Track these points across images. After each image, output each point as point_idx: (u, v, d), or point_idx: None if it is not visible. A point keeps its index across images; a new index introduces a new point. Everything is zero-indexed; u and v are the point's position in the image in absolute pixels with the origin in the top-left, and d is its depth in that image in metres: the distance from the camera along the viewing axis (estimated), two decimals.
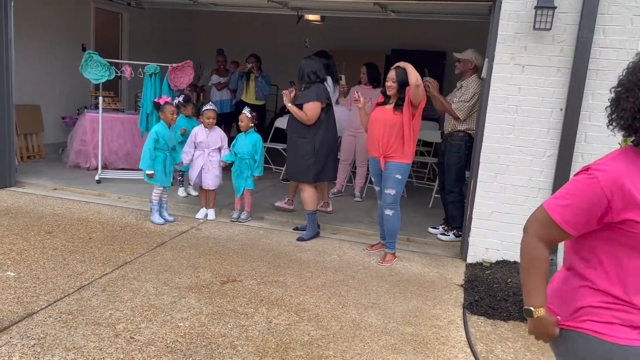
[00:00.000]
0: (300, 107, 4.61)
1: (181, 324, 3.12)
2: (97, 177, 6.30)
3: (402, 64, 4.12)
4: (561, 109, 4.11)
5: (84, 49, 8.33)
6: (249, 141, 5.14)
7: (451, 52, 9.59)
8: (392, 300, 3.66)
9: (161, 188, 4.99)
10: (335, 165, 4.92)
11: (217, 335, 3.03)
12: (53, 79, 7.83)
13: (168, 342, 2.91)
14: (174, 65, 6.32)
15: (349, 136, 6.33)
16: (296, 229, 5.07)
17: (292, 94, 4.77)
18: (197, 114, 5.30)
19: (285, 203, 5.60)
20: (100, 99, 6.43)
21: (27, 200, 5.43)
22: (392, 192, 4.23)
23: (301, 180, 4.78)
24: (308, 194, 4.74)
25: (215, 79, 8.14)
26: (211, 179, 5.21)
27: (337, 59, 8.78)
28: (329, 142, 4.72)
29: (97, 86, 7.24)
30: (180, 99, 5.75)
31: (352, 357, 2.90)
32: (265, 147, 7.41)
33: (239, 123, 5.18)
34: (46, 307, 3.20)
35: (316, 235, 4.84)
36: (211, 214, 5.27)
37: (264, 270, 4.04)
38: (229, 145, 5.32)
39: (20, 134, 7.11)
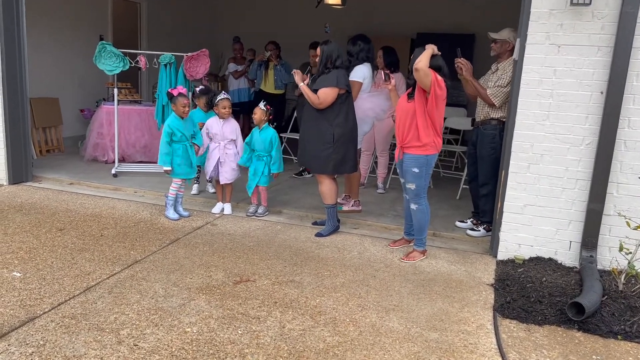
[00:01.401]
0: (316, 91, 4.34)
1: (189, 330, 2.92)
2: (113, 171, 6.18)
3: (427, 46, 3.80)
4: (602, 92, 3.75)
5: (101, 39, 8.23)
6: (265, 137, 4.86)
7: (480, 34, 9.35)
8: (416, 302, 3.40)
9: (180, 182, 4.78)
10: (355, 156, 4.63)
11: (226, 342, 2.82)
12: (71, 71, 7.74)
13: (173, 349, 2.72)
14: (189, 54, 6.13)
15: (366, 124, 5.99)
16: (315, 223, 4.84)
17: (306, 79, 4.52)
18: (210, 104, 5.00)
19: (353, 205, 5.15)
20: (115, 90, 6.29)
21: (42, 195, 5.33)
22: (412, 186, 3.95)
23: (320, 172, 4.50)
24: (327, 186, 4.49)
25: (232, 67, 7.93)
26: (228, 172, 4.98)
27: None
28: (349, 130, 4.44)
29: (112, 77, 7.11)
30: (197, 89, 5.53)
31: None
32: (285, 137, 7.20)
33: (253, 116, 4.90)
34: (49, 310, 3.04)
35: (335, 230, 4.60)
36: (227, 208, 5.06)
37: (280, 268, 3.82)
38: (243, 139, 5.08)
39: (38, 127, 7.05)
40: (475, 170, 4.74)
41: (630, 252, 3.47)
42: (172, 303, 3.21)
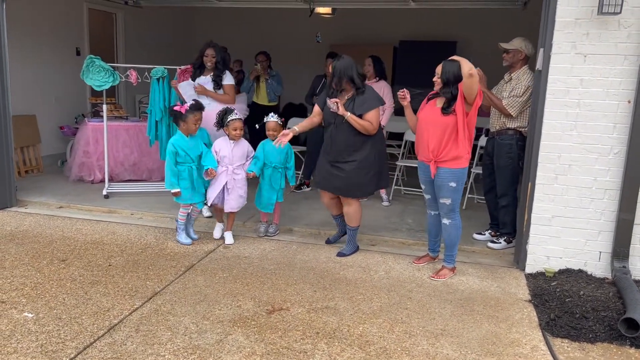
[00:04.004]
0: (359, 116, 4.02)
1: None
2: (104, 192, 5.83)
3: (456, 58, 3.67)
4: (629, 101, 3.72)
5: (78, 53, 7.84)
6: (281, 149, 4.49)
7: (462, 41, 9.39)
8: (462, 325, 3.26)
9: (189, 206, 4.43)
10: (388, 168, 4.46)
11: None
12: (47, 87, 7.31)
13: None
14: (182, 67, 5.84)
15: None
16: (328, 241, 4.63)
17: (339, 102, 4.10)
18: (221, 124, 4.45)
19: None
20: (105, 107, 5.94)
21: (32, 222, 4.96)
22: (447, 201, 3.82)
23: (360, 196, 4.28)
24: (356, 208, 4.26)
25: None
26: (235, 200, 4.47)
27: (344, 52, 8.39)
28: (384, 144, 4.34)
29: (96, 93, 6.76)
30: (187, 105, 5.17)
31: None
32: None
33: (269, 132, 4.50)
34: (76, 356, 2.76)
35: (357, 249, 4.43)
36: (229, 237, 4.56)
37: (310, 294, 3.62)
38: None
39: (16, 147, 6.60)
40: (492, 181, 4.66)
41: None
42: (208, 339, 2.97)
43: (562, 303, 3.53)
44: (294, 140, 4.52)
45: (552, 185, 3.95)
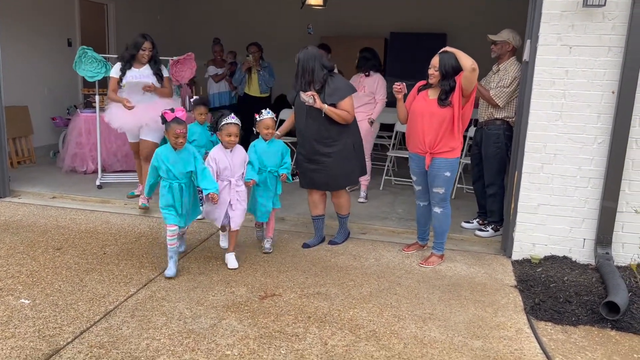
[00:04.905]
0: (333, 106, 3.99)
1: (229, 352, 2.77)
2: (97, 182, 5.87)
3: (449, 49, 3.73)
4: (613, 92, 3.82)
5: (69, 44, 7.85)
6: (276, 150, 4.10)
7: (451, 33, 9.47)
8: (449, 309, 3.35)
9: (174, 227, 3.65)
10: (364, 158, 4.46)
11: None
12: (39, 78, 7.32)
13: None
14: (175, 58, 5.88)
15: None
16: (306, 245, 4.34)
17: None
18: (214, 128, 3.85)
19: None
20: (97, 98, 5.97)
21: (26, 211, 5.00)
22: (440, 190, 3.90)
23: (346, 186, 4.28)
24: (346, 197, 4.30)
25: (212, 70, 7.69)
26: (239, 216, 3.87)
27: (335, 45, 8.43)
28: (360, 133, 4.30)
29: (88, 84, 6.77)
30: (192, 100, 5.08)
31: None
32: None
33: (265, 130, 4.02)
34: (73, 340, 2.82)
35: (348, 235, 4.51)
36: (232, 260, 3.88)
37: (302, 280, 3.70)
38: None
39: (8, 138, 6.62)
40: (480, 170, 4.75)
41: None
42: (202, 324, 3.04)
43: (547, 288, 3.63)
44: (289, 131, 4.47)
45: (538, 174, 4.05)
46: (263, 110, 4.07)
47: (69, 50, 7.63)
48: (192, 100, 5.17)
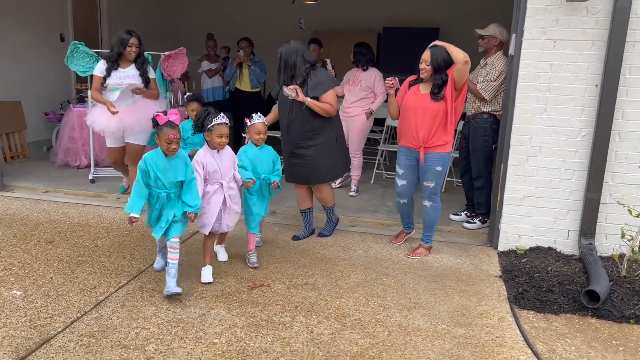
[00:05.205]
0: (316, 99, 4.02)
1: (216, 340, 2.83)
2: (90, 177, 5.91)
3: (439, 43, 3.77)
4: (596, 85, 3.88)
5: (62, 39, 7.86)
6: (268, 156, 3.87)
7: (444, 27, 9.51)
8: (434, 299, 3.42)
9: (162, 238, 3.41)
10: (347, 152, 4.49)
11: (259, 351, 2.75)
12: (32, 73, 7.33)
13: None
14: (166, 53, 5.93)
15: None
16: (296, 237, 4.40)
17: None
18: (200, 127, 3.45)
19: None
20: (90, 92, 5.99)
21: (19, 205, 5.04)
22: (431, 184, 3.95)
23: (330, 180, 4.30)
24: (328, 191, 4.34)
25: (205, 65, 7.71)
26: (232, 220, 3.65)
27: (327, 39, 8.47)
28: (342, 128, 4.34)
29: (81, 79, 6.80)
30: (185, 96, 5.04)
31: None
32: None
33: (257, 135, 3.76)
34: (63, 329, 2.88)
35: (337, 222, 4.54)
36: (222, 252, 3.91)
37: (290, 271, 3.76)
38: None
39: (1, 133, 6.66)
40: (468, 163, 4.82)
41: (632, 239, 3.61)
42: (191, 314, 3.10)
43: (531, 278, 3.71)
44: (274, 125, 4.49)
45: (523, 166, 4.12)
46: (254, 115, 3.81)
47: (62, 46, 7.64)
48: (185, 96, 5.20)
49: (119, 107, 4.75)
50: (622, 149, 3.91)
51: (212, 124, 3.38)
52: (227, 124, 3.44)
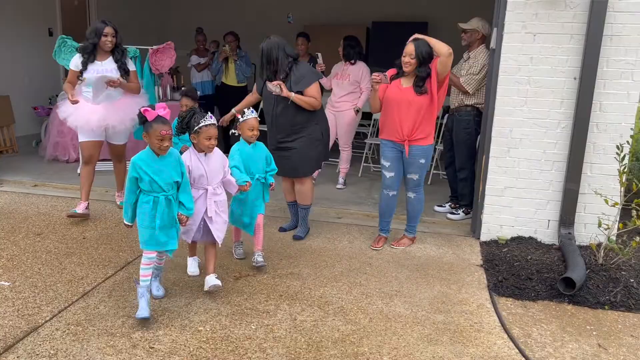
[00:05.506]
0: (300, 93, 4.03)
1: (201, 328, 2.90)
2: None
3: (419, 36, 3.83)
4: (575, 78, 3.96)
5: (50, 34, 7.86)
6: (261, 155, 3.69)
7: (432, 22, 9.57)
8: (416, 287, 3.50)
9: (152, 254, 3.02)
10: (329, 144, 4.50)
11: (242, 337, 2.82)
12: (21, 68, 7.35)
13: (191, 349, 2.69)
14: (154, 47, 5.96)
15: (329, 114, 5.64)
16: (282, 229, 4.49)
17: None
18: (185, 128, 3.14)
19: None
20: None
21: (8, 199, 5.07)
22: (415, 177, 4.00)
23: (311, 173, 4.32)
24: (309, 186, 4.30)
25: (194, 59, 7.74)
26: (220, 229, 3.28)
27: (316, 34, 8.51)
28: (327, 121, 4.36)
29: None
30: (179, 92, 4.92)
31: (389, 353, 2.73)
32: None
33: (250, 132, 3.57)
34: (51, 318, 2.93)
35: (308, 230, 4.44)
36: (213, 280, 3.23)
37: (276, 262, 3.83)
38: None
39: None
40: (452, 155, 4.90)
41: (609, 228, 3.71)
42: (177, 302, 3.17)
43: (511, 267, 3.79)
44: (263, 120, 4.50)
45: (504, 158, 4.20)
46: (246, 110, 3.62)
47: (50, 40, 7.64)
48: (179, 92, 5.17)
49: (99, 104, 4.50)
50: (600, 140, 4.00)
51: (199, 125, 3.05)
52: (215, 124, 3.11)
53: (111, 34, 4.52)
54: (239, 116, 3.63)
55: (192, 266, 3.63)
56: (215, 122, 3.12)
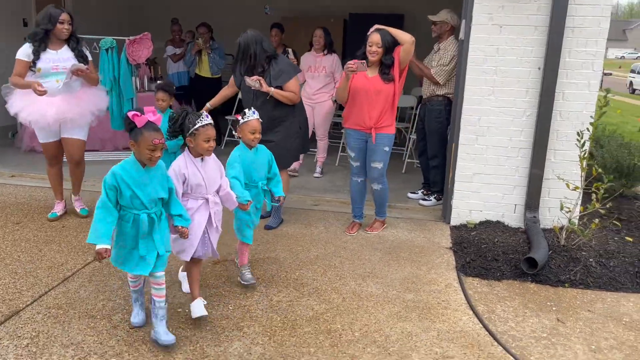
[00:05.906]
0: (279, 88, 4.09)
1: (180, 310, 3.01)
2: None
3: (380, 26, 3.96)
4: (539, 68, 4.14)
5: (25, 24, 7.79)
6: (263, 159, 3.36)
7: (409, 14, 9.71)
8: (388, 268, 3.65)
9: (136, 278, 2.83)
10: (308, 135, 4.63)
11: (220, 317, 2.94)
12: None
13: (171, 329, 2.79)
14: (131, 38, 5.98)
15: (306, 106, 5.49)
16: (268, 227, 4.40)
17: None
18: (178, 131, 2.78)
19: None
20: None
21: None
22: (379, 165, 4.13)
23: (291, 164, 4.42)
24: (286, 177, 4.37)
25: (170, 50, 7.77)
26: (215, 241, 2.97)
27: (292, 25, 8.59)
28: (305, 113, 4.48)
29: None
30: (155, 85, 4.77)
31: (360, 329, 2.88)
32: (230, 119, 7.17)
33: (252, 135, 3.21)
34: (32, 303, 3.01)
35: (282, 221, 4.48)
36: (200, 306, 2.87)
37: (253, 247, 3.93)
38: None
39: None
40: (425, 144, 5.06)
41: (570, 211, 3.90)
42: None
43: (479, 249, 3.97)
44: (225, 110, 4.52)
45: (473, 145, 4.36)
46: (247, 110, 3.23)
47: (25, 30, 7.58)
48: (155, 86, 5.20)
49: (55, 96, 4.14)
50: (562, 128, 4.19)
51: (195, 126, 2.70)
52: (212, 124, 2.77)
53: (67, 21, 4.14)
54: (239, 117, 3.26)
55: (198, 307, 2.89)
56: (212, 121, 2.79)
